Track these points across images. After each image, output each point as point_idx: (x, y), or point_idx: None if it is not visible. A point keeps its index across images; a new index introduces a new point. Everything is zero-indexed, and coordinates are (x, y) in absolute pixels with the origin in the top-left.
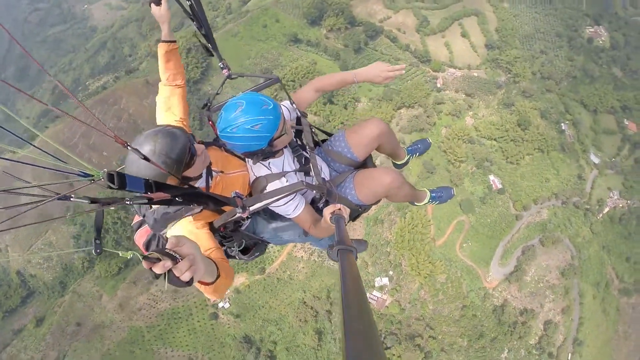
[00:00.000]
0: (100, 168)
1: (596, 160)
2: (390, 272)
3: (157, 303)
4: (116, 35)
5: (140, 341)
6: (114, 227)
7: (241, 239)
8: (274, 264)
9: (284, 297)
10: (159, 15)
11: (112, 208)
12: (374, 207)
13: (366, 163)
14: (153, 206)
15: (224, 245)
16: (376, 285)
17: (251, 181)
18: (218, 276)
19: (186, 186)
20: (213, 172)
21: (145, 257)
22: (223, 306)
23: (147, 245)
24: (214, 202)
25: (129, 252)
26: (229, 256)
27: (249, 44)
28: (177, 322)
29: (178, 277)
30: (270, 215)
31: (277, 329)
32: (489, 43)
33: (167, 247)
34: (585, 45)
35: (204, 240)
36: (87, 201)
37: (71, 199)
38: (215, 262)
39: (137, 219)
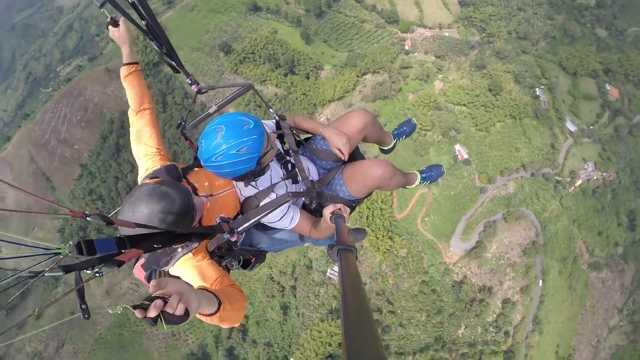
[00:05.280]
0: (74, 161)
1: (572, 128)
2: None
3: (138, 287)
4: (82, 15)
5: (127, 324)
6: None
7: (239, 255)
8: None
9: (252, 274)
10: (117, 37)
11: (89, 272)
12: None
13: (354, 155)
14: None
15: (223, 263)
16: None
17: (241, 202)
18: (220, 304)
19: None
20: (202, 199)
21: (136, 307)
22: None
23: (149, 278)
24: (198, 237)
25: (118, 307)
26: (230, 270)
27: (207, 17)
28: None
29: (173, 314)
30: (264, 227)
31: (249, 303)
32: None
33: (150, 293)
34: (568, 3)
35: (209, 272)
36: (61, 272)
37: (46, 274)
38: (213, 292)
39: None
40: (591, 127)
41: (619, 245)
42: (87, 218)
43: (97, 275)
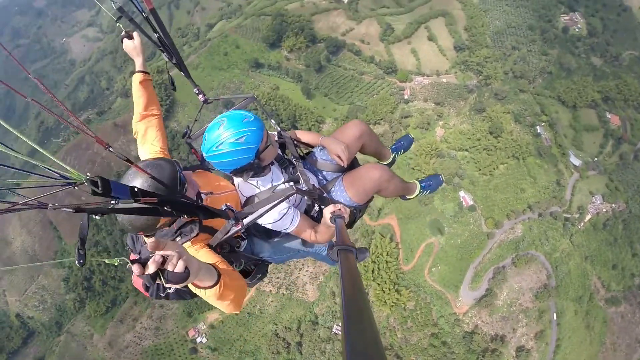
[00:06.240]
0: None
1: (577, 162)
2: None
3: (141, 340)
4: (93, 69)
5: None
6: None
7: (240, 259)
8: (244, 300)
9: (257, 330)
10: (132, 48)
11: (98, 217)
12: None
13: (353, 165)
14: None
15: None
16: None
17: (242, 202)
18: (219, 276)
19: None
20: (202, 195)
21: (134, 261)
22: (201, 341)
23: (147, 288)
24: (204, 213)
25: (115, 258)
26: None
27: (210, 74)
28: (160, 358)
29: (173, 271)
30: (266, 234)
31: (254, 359)
32: (458, 44)
33: (149, 249)
34: (560, 36)
35: (207, 258)
36: (71, 210)
37: (55, 208)
38: (212, 265)
39: (132, 257)
40: (595, 158)
41: (636, 276)
42: (110, 149)
43: (113, 202)
